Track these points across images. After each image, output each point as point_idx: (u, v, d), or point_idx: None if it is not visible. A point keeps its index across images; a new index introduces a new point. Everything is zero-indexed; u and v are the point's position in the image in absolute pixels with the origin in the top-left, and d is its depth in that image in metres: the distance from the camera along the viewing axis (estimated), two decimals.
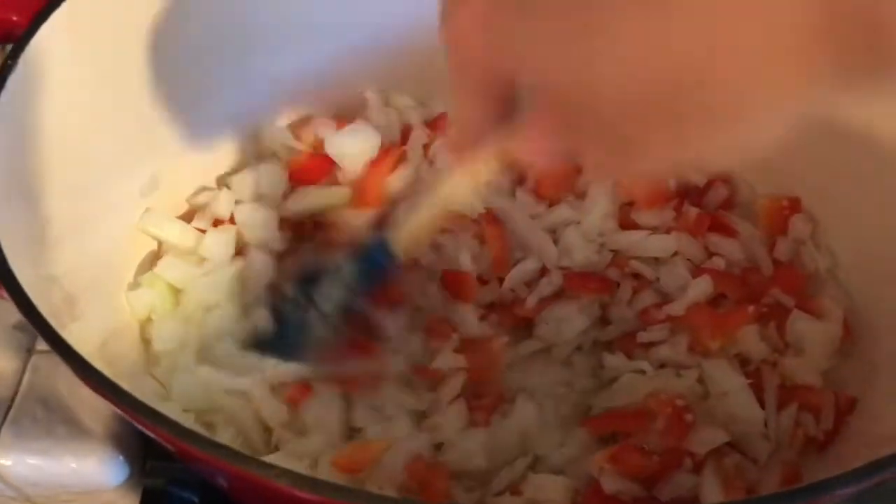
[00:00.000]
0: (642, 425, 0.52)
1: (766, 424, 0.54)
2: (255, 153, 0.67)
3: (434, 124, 0.67)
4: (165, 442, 0.41)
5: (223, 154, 0.66)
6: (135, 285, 0.59)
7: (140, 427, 0.41)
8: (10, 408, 0.56)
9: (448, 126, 0.64)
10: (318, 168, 0.64)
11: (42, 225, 0.51)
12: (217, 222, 0.62)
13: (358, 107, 0.68)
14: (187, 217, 0.63)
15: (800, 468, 0.52)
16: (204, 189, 0.65)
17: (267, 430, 0.54)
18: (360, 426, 0.53)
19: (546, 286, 0.59)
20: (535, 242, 0.60)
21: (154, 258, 0.61)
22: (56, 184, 0.53)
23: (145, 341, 0.58)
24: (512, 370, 0.57)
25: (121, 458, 0.55)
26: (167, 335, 0.56)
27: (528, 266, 0.60)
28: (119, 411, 0.41)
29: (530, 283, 0.60)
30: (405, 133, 0.67)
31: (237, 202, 0.63)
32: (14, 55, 0.50)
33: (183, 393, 0.54)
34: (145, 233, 0.61)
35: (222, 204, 0.62)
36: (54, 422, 0.56)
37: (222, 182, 0.65)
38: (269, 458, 0.50)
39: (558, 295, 0.59)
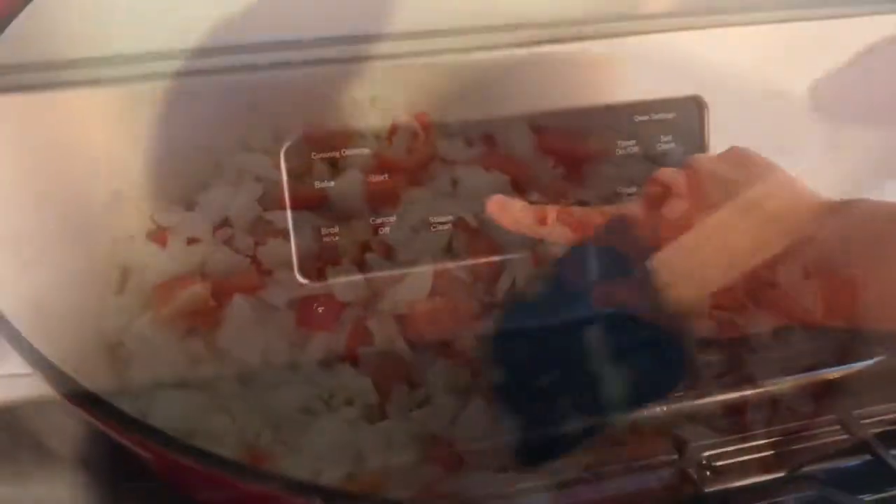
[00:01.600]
0: None
1: None
2: (223, 174, 0.66)
3: (419, 118, 0.67)
4: (157, 458, 0.41)
5: (189, 171, 0.65)
6: (107, 305, 0.58)
7: (130, 445, 0.41)
8: None
9: None
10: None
11: (13, 243, 0.51)
12: (192, 241, 0.62)
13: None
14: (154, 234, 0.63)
15: None
16: (171, 205, 0.64)
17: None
18: (367, 454, 0.53)
19: None
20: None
21: (125, 278, 0.61)
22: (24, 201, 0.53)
23: (120, 362, 0.57)
24: None
25: (91, 482, 0.54)
26: (144, 353, 0.56)
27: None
28: (105, 429, 0.41)
29: None
30: (392, 131, 0.66)
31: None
32: None
33: (161, 412, 0.53)
34: (117, 259, 0.61)
35: (196, 224, 0.62)
36: (19, 447, 0.54)
37: (189, 199, 0.65)
38: None
39: None
